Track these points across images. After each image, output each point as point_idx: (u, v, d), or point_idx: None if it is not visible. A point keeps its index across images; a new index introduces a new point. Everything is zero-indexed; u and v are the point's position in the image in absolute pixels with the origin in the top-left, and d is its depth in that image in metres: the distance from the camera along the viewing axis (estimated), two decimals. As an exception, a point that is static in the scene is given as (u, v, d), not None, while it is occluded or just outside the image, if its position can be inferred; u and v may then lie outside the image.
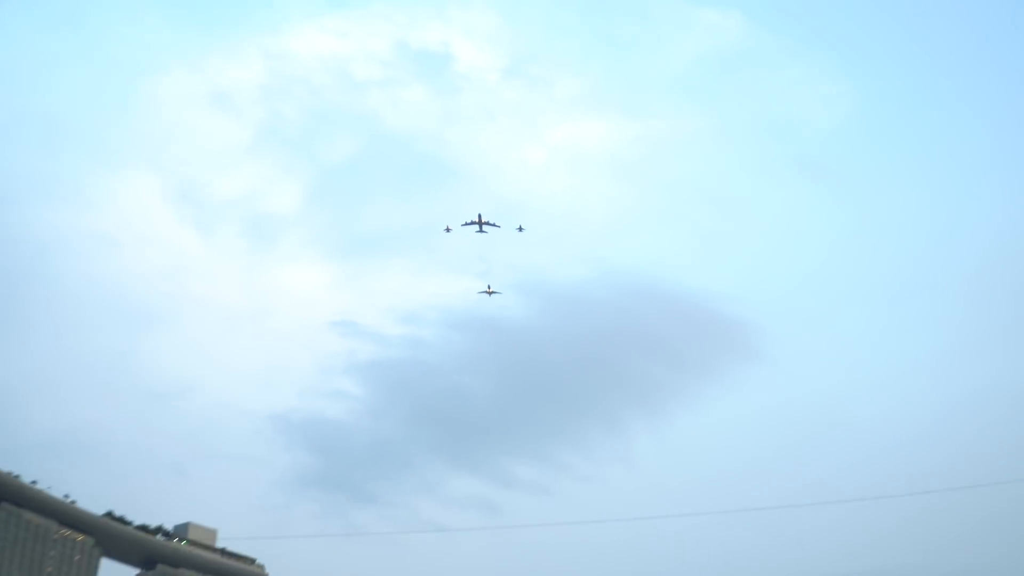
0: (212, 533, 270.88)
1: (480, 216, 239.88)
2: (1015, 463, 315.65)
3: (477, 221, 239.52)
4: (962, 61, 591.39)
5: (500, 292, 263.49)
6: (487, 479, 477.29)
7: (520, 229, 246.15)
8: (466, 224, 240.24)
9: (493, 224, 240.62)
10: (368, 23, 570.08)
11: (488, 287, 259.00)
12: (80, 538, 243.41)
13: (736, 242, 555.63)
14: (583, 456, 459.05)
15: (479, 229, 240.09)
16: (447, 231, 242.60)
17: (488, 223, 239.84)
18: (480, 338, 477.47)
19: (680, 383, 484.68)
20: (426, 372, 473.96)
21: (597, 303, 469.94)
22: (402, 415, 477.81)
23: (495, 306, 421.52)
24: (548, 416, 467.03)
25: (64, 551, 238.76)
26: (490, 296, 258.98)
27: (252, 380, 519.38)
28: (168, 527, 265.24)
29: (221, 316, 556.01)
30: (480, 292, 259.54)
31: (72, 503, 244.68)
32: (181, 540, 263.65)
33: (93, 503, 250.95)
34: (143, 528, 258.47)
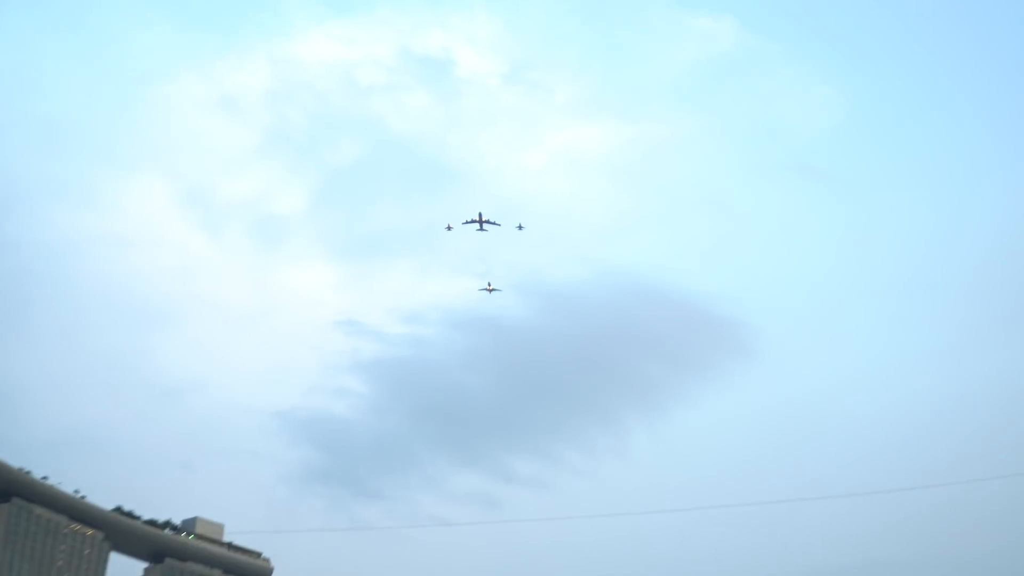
0: (219, 527, 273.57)
1: (480, 215, 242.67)
2: (1013, 459, 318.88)
3: (478, 219, 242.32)
4: (953, 64, 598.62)
5: (500, 289, 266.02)
6: (488, 474, 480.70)
7: (520, 227, 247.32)
8: (467, 222, 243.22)
9: (493, 222, 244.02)
10: (372, 29, 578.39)
11: (488, 284, 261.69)
12: (90, 532, 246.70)
13: (732, 243, 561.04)
14: (582, 452, 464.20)
15: (480, 227, 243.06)
16: (448, 229, 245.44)
17: (488, 221, 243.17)
18: (481, 337, 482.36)
19: (677, 381, 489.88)
20: (428, 370, 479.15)
21: (596, 303, 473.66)
22: (405, 412, 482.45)
23: (496, 306, 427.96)
24: (547, 413, 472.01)
25: (74, 545, 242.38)
26: (490, 293, 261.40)
27: (258, 378, 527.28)
28: (176, 522, 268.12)
29: (228, 315, 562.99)
30: (481, 289, 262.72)
31: (82, 498, 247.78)
32: (189, 534, 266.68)
33: (102, 498, 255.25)
34: (151, 523, 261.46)
